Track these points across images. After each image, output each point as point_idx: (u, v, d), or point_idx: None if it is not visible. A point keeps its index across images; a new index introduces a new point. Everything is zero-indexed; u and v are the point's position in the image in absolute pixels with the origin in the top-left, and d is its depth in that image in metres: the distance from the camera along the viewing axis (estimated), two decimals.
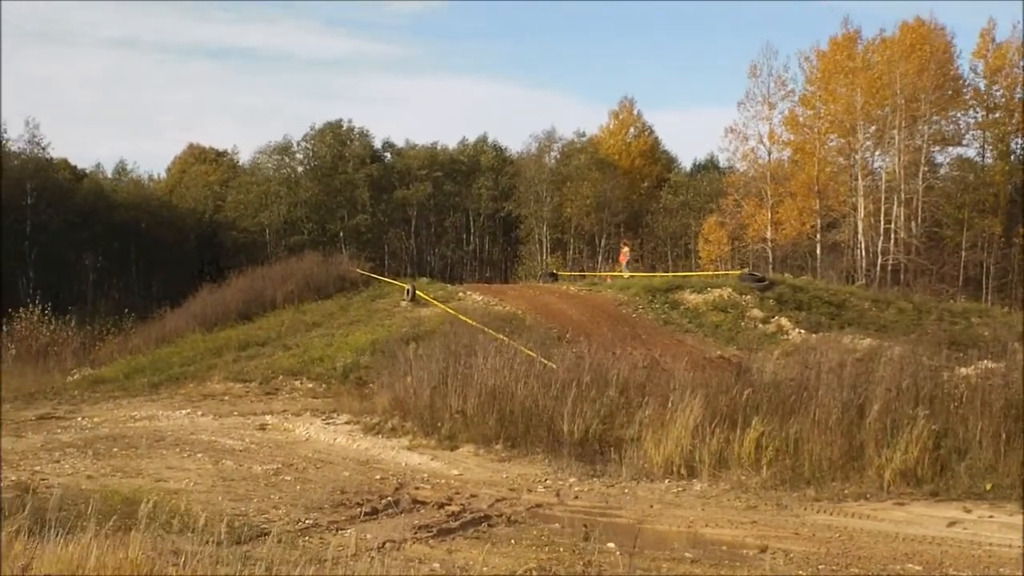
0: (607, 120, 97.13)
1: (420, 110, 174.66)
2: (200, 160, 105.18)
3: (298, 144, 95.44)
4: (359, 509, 16.04)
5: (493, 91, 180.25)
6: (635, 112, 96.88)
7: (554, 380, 22.35)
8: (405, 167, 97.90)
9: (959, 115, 75.70)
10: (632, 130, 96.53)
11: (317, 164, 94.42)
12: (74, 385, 33.72)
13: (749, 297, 41.83)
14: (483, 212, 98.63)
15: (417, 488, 18.31)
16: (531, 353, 25.03)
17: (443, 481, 19.04)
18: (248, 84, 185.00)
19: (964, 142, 77.09)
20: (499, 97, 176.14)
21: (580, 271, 69.97)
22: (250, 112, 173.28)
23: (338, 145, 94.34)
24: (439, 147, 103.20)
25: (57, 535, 9.52)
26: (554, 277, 57.04)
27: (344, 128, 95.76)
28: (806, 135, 76.51)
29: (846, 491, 17.11)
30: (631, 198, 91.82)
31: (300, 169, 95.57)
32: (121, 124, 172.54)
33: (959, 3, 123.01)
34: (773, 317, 40.21)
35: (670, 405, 19.96)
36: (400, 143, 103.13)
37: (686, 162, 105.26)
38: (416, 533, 14.75)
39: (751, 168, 78.67)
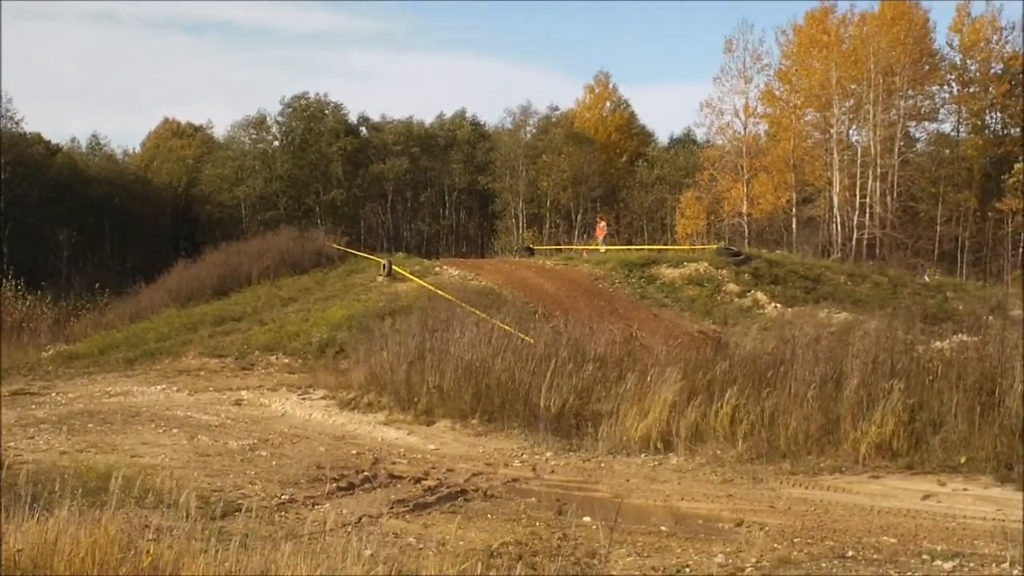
0: (583, 95, 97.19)
1: (401, 86, 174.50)
2: (176, 135, 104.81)
3: (272, 118, 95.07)
4: (335, 484, 16.04)
5: (473, 66, 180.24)
6: (611, 86, 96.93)
7: (531, 355, 22.35)
8: (381, 142, 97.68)
9: (935, 90, 75.96)
10: (608, 104, 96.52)
11: (289, 138, 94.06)
12: (48, 361, 33.59)
13: (725, 271, 41.89)
14: (459, 187, 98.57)
15: (393, 463, 18.31)
16: (508, 328, 25.02)
17: (419, 456, 19.04)
18: (226, 59, 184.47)
19: (939, 117, 77.42)
20: (478, 72, 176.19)
21: (556, 245, 70.01)
22: (229, 87, 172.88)
23: (307, 119, 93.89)
24: (415, 122, 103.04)
25: (31, 511, 9.47)
26: (530, 251, 57.11)
27: (313, 101, 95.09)
28: (782, 109, 76.62)
29: (822, 464, 17.16)
30: (607, 172, 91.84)
31: (275, 144, 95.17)
32: (97, 99, 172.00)
33: None
34: (749, 291, 40.28)
35: (648, 380, 19.99)
36: (378, 118, 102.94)
37: (663, 137, 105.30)
38: (392, 508, 14.75)
39: (727, 142, 78.70)
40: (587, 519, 13.85)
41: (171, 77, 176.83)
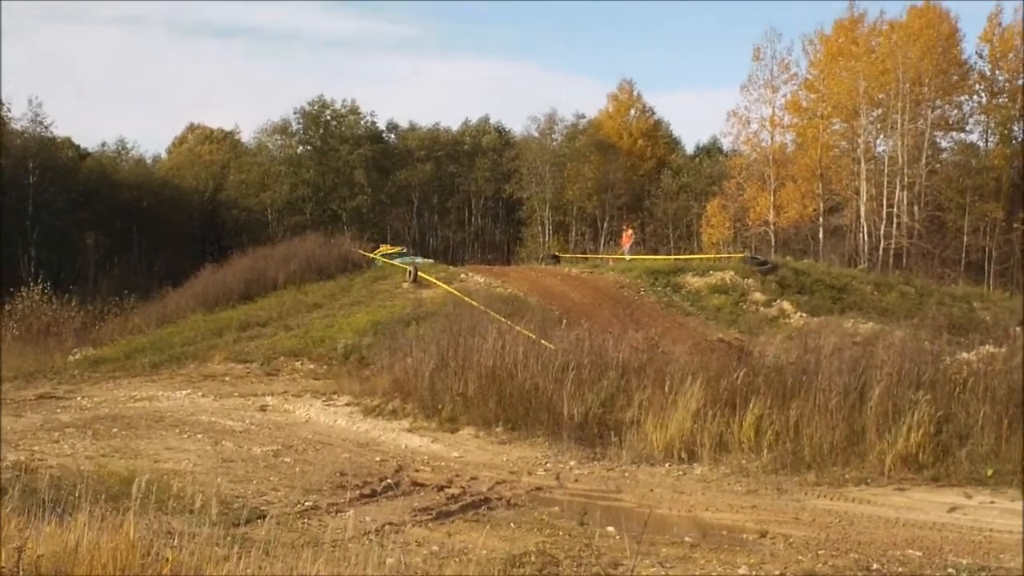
0: (607, 103, 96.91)
1: (427, 91, 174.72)
2: (204, 140, 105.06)
3: (297, 123, 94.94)
4: (358, 491, 16.02)
5: (498, 72, 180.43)
6: (635, 93, 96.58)
7: (554, 362, 22.30)
8: (406, 148, 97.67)
9: (963, 100, 75.55)
10: (633, 111, 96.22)
11: (311, 144, 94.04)
12: (74, 365, 33.68)
13: (751, 280, 41.81)
14: (485, 194, 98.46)
15: (417, 470, 18.27)
16: (532, 335, 24.99)
17: (443, 463, 19.00)
18: (255, 64, 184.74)
19: (967, 127, 76.95)
20: (503, 78, 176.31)
21: (582, 253, 69.93)
22: (258, 92, 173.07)
23: (322, 125, 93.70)
24: (441, 128, 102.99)
25: (53, 516, 9.46)
26: (556, 259, 57.09)
27: (329, 106, 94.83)
28: (809, 119, 76.33)
29: (847, 476, 17.06)
30: (632, 180, 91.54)
31: (299, 149, 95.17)
32: (126, 103, 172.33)
33: None
34: (775, 300, 40.18)
35: (669, 388, 19.92)
36: (406, 124, 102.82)
37: (689, 145, 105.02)
38: (415, 516, 14.72)
39: (753, 152, 78.43)
40: (611, 529, 13.79)
41: (200, 82, 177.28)
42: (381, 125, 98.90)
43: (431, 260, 55.39)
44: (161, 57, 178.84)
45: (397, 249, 57.10)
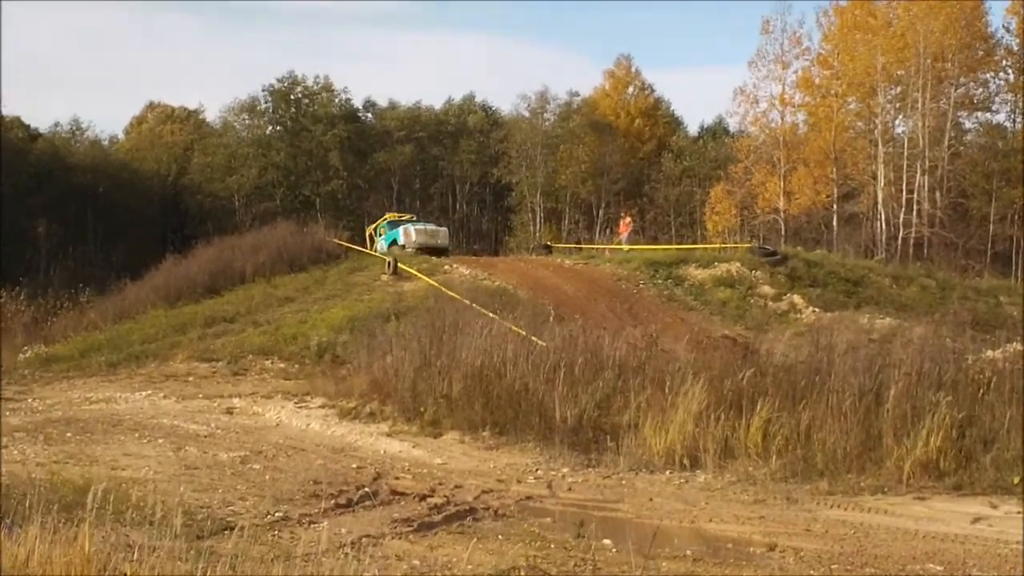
0: (603, 80, 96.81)
1: (409, 68, 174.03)
2: (165, 119, 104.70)
3: (264, 102, 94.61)
4: (333, 501, 16.03)
5: (484, 47, 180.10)
6: (633, 70, 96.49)
7: (546, 361, 22.32)
8: (385, 129, 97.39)
9: (989, 76, 75.50)
10: (631, 89, 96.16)
11: (281, 124, 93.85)
12: (24, 364, 33.67)
13: (759, 272, 41.88)
14: (471, 178, 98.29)
15: (397, 478, 18.29)
16: (522, 332, 25.01)
17: (425, 471, 19.02)
18: (223, 39, 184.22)
19: (993, 106, 76.90)
20: (490, 54, 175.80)
21: (576, 243, 69.98)
22: (226, 70, 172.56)
23: (293, 104, 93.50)
24: (423, 107, 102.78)
25: (1, 528, 9.46)
26: (548, 249, 57.23)
27: (301, 83, 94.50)
28: (822, 97, 76.30)
29: (862, 484, 17.10)
30: (630, 164, 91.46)
31: (269, 130, 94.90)
32: (82, 82, 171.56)
33: None
34: (785, 294, 40.25)
35: (670, 389, 19.95)
36: (384, 103, 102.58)
37: (692, 126, 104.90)
38: (395, 527, 14.72)
39: (762, 133, 78.39)
40: (607, 542, 13.81)
41: (160, 57, 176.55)
42: (357, 103, 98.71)
43: (445, 227, 56.01)
44: (118, 31, 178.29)
45: (407, 216, 57.29)
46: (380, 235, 55.08)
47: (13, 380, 30.64)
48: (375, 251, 50.79)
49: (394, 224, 54.05)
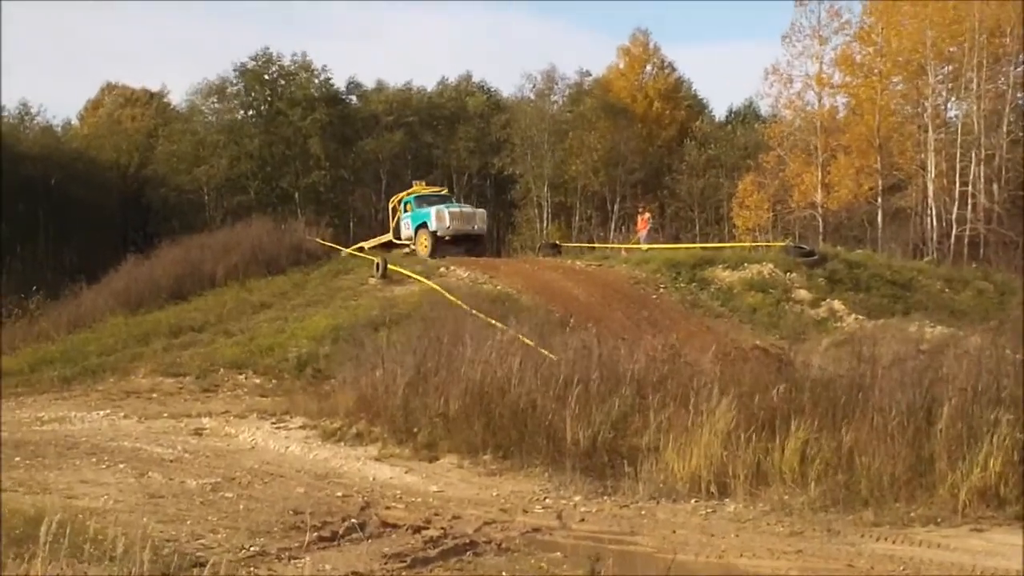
0: (617, 58, 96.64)
1: (398, 45, 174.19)
2: (124, 103, 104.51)
3: (233, 83, 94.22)
4: (316, 533, 16.03)
5: (484, 21, 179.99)
6: (651, 46, 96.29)
7: (555, 376, 22.33)
8: (371, 113, 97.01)
9: None
10: (649, 68, 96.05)
11: (255, 108, 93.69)
12: None
13: (794, 275, 41.93)
14: (469, 169, 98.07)
15: (387, 508, 18.31)
16: (528, 342, 25.02)
17: (419, 499, 19.04)
18: (189, 12, 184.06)
19: None
20: (491, 29, 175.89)
21: (588, 242, 70.02)
22: (192, 47, 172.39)
23: (268, 85, 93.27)
24: (414, 89, 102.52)
25: None
26: (556, 249, 57.17)
27: (276, 62, 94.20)
28: (864, 77, 76.24)
29: (911, 514, 17.09)
30: (649, 152, 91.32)
31: (241, 114, 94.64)
32: (31, 61, 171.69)
33: None
34: (824, 299, 40.32)
35: (694, 407, 19.94)
36: (371, 84, 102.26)
37: (719, 109, 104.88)
38: (386, 563, 14.74)
39: (797, 117, 78.35)
40: None
41: (119, 34, 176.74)
42: (339, 84, 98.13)
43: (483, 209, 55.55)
44: (71, 6, 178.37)
45: (435, 190, 56.72)
46: (406, 211, 53.84)
47: None
48: (396, 239, 50.99)
49: (423, 201, 53.25)
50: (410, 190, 55.88)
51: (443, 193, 56.88)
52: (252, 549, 15.13)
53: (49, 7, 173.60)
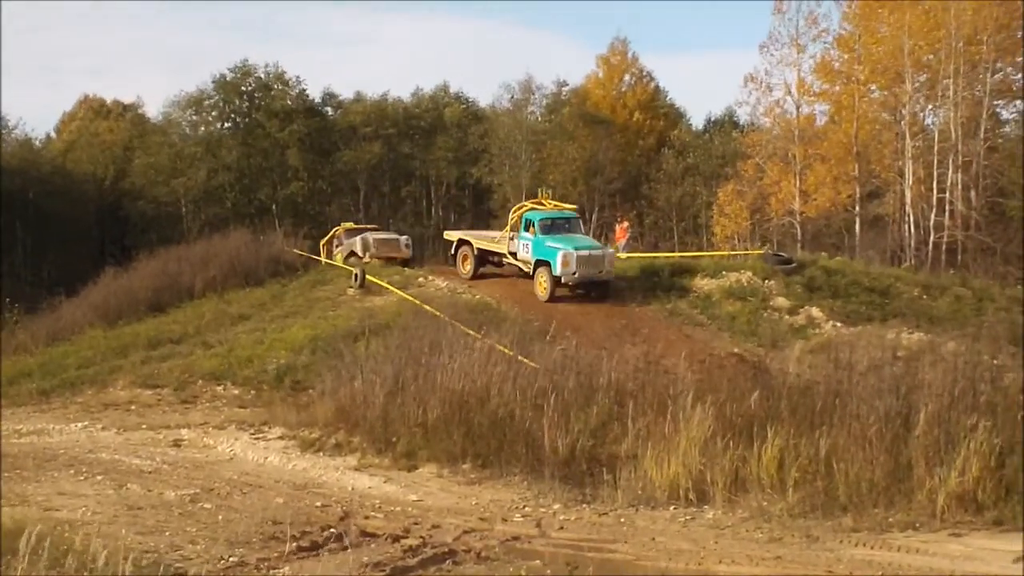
0: (596, 67, 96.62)
1: (374, 55, 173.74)
2: (101, 115, 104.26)
3: (211, 95, 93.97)
4: (295, 544, 16.04)
5: (461, 31, 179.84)
6: (630, 56, 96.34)
7: (534, 385, 22.35)
8: (349, 124, 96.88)
9: None
10: (627, 78, 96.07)
11: (232, 120, 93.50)
12: None
13: (773, 282, 42.00)
14: (447, 179, 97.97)
15: (366, 518, 18.32)
16: (507, 351, 25.04)
17: (398, 509, 19.05)
18: (167, 22, 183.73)
19: None
20: (468, 38, 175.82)
21: None
22: (170, 57, 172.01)
23: (246, 97, 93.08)
24: (391, 100, 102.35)
25: None
26: None
27: (253, 74, 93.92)
28: (843, 85, 76.32)
29: (890, 519, 17.15)
30: (627, 161, 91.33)
31: (219, 126, 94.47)
32: (8, 73, 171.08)
33: None
34: (802, 306, 40.37)
35: (672, 415, 19.98)
36: (352, 95, 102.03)
37: (697, 118, 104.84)
38: (365, 572, 14.75)
39: (776, 125, 78.37)
40: None
41: (99, 45, 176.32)
42: (316, 95, 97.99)
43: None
44: (51, 16, 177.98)
45: (566, 208, 48.28)
46: (528, 231, 44.29)
47: None
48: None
49: (552, 228, 44.03)
50: (534, 201, 48.74)
51: (573, 215, 47.32)
52: (231, 560, 15.15)
53: (25, 18, 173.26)
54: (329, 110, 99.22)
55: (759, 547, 16.31)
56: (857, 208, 73.89)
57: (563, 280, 41.74)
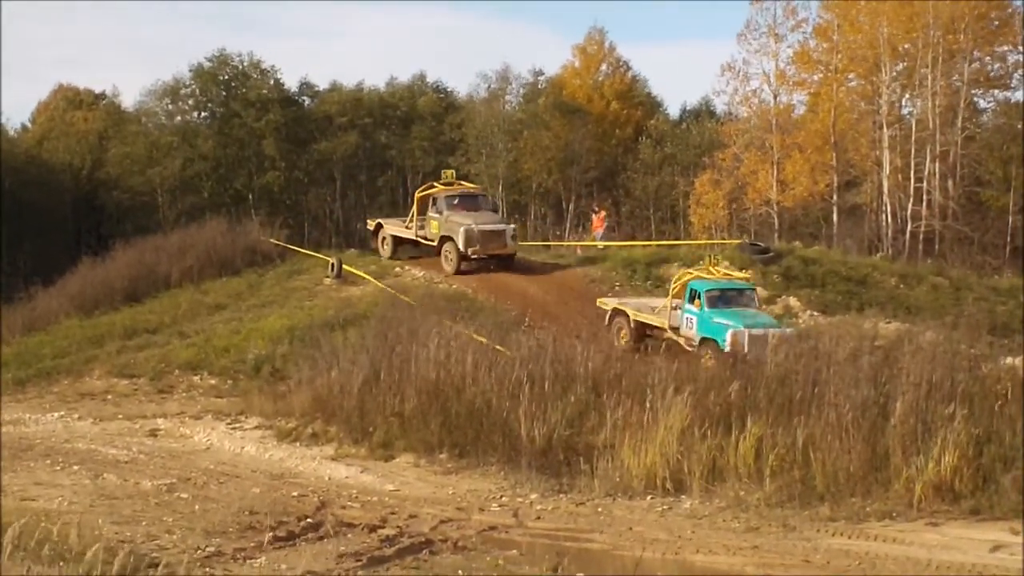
0: (572, 57, 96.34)
1: (348, 45, 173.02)
2: (74, 105, 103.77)
3: (187, 84, 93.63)
4: (272, 533, 16.03)
5: (437, 20, 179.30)
6: (607, 45, 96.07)
7: (511, 374, 22.33)
8: (325, 114, 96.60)
9: (1006, 51, 75.50)
10: (604, 67, 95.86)
11: (208, 110, 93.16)
12: None
13: (750, 272, 41.94)
14: (423, 169, 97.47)
15: (343, 507, 18.31)
16: (484, 341, 25.01)
17: (375, 498, 19.04)
18: (140, 12, 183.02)
19: (1012, 83, 76.87)
20: (443, 29, 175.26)
21: (543, 241, 69.92)
22: (144, 47, 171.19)
23: (222, 87, 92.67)
24: (366, 89, 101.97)
25: None
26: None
27: (229, 63, 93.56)
28: (821, 74, 76.26)
29: (867, 509, 17.17)
30: (604, 151, 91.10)
31: (195, 116, 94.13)
32: None
33: None
34: (779, 296, 40.34)
35: (650, 404, 19.97)
36: (328, 85, 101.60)
37: (673, 108, 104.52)
38: (342, 563, 14.74)
39: (753, 115, 78.25)
40: None
41: (72, 35, 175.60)
42: (292, 85, 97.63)
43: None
44: (25, 6, 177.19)
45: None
46: (692, 303, 32.61)
47: None
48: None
49: (723, 300, 33.05)
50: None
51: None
52: (208, 549, 15.13)
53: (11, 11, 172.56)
54: (305, 100, 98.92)
55: (736, 537, 16.32)
56: (835, 197, 73.75)
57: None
